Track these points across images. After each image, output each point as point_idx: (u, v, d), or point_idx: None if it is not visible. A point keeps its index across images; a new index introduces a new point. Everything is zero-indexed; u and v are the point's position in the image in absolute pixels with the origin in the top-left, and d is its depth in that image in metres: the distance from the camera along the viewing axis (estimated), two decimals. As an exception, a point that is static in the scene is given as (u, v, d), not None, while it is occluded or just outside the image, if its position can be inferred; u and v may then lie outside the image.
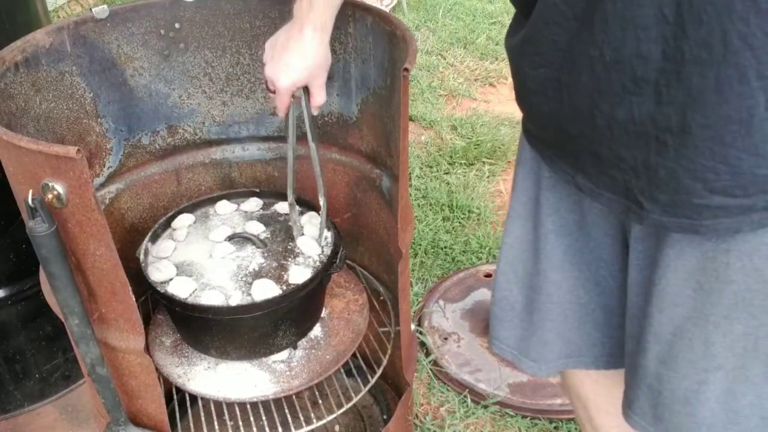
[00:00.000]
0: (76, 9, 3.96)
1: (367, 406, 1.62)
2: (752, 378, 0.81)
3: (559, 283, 1.00)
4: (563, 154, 0.88)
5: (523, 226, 1.01)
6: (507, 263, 1.05)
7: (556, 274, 0.99)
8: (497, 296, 1.08)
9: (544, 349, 1.06)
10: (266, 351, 1.23)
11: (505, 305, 1.08)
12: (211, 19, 1.28)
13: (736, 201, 0.71)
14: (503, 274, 1.07)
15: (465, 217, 2.40)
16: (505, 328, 1.09)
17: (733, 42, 0.62)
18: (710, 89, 0.66)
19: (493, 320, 1.11)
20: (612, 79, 0.71)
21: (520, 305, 1.06)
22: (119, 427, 1.09)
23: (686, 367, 0.84)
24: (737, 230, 0.74)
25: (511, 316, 1.07)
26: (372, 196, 1.37)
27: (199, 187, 1.45)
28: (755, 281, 0.76)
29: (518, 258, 1.04)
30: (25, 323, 1.62)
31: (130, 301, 0.96)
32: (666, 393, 0.87)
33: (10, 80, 1.04)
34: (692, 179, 0.72)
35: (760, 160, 0.68)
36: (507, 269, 1.06)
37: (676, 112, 0.69)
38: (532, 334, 1.06)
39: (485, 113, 3.05)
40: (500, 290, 1.08)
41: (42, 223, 0.85)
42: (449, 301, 2.05)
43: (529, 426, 1.70)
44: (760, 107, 0.65)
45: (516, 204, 1.02)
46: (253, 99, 1.38)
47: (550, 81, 0.80)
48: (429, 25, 3.91)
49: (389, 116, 1.21)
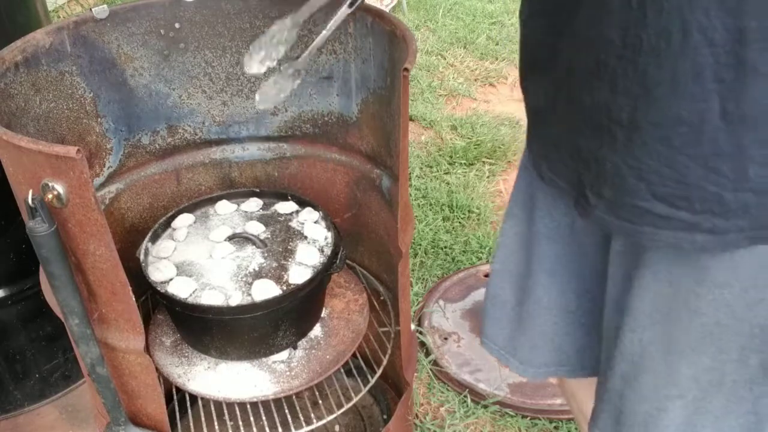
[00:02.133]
0: (76, 9, 3.96)
1: (367, 406, 1.62)
2: (713, 411, 0.78)
3: (549, 288, 0.98)
4: (537, 140, 0.87)
5: (518, 225, 1.00)
6: (501, 261, 1.04)
7: (547, 278, 0.98)
8: (490, 293, 1.07)
9: (532, 352, 1.04)
10: (266, 351, 1.23)
11: (497, 302, 1.07)
12: (211, 19, 1.28)
13: (679, 213, 0.67)
14: (497, 272, 1.06)
15: (465, 217, 2.40)
16: (495, 326, 1.08)
17: (693, 34, 0.59)
18: (664, 83, 0.63)
19: (484, 317, 1.10)
20: (580, 60, 0.69)
21: (511, 305, 1.05)
22: (119, 427, 1.09)
23: (648, 390, 0.81)
24: (677, 246, 0.69)
25: (501, 314, 1.06)
26: (372, 196, 1.37)
27: (199, 187, 1.45)
28: (726, 316, 0.72)
29: (512, 257, 1.03)
30: (25, 323, 1.62)
31: (130, 301, 0.96)
32: (627, 413, 0.85)
33: (10, 80, 1.04)
34: (637, 179, 0.68)
35: (709, 174, 0.64)
36: (501, 267, 1.05)
37: (628, 103, 0.66)
38: (521, 335, 1.04)
39: (485, 113, 3.05)
40: (493, 287, 1.07)
41: (42, 223, 0.85)
42: (449, 301, 2.05)
43: (529, 426, 1.70)
44: (714, 114, 0.61)
45: (513, 202, 1.01)
46: (253, 99, 1.38)
47: (539, 57, 0.78)
48: (429, 25, 3.91)
49: (389, 116, 1.21)
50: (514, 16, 4.01)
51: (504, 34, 3.78)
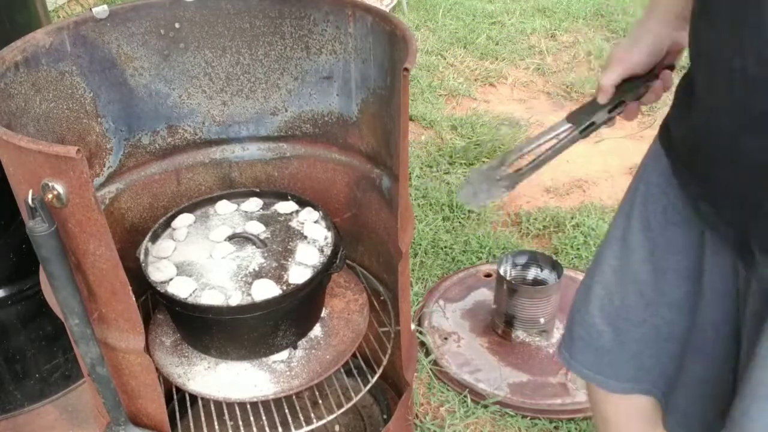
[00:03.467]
0: (76, 9, 3.96)
1: (367, 406, 1.62)
2: None
3: (671, 323, 0.93)
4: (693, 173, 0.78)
5: (634, 254, 0.94)
6: (604, 288, 0.99)
7: (672, 314, 0.92)
8: (586, 320, 1.02)
9: (639, 372, 1.01)
10: (266, 351, 1.23)
11: (593, 333, 1.03)
12: (211, 19, 1.28)
13: None
14: (597, 299, 1.00)
15: (465, 217, 2.40)
16: (590, 353, 1.04)
17: None
18: None
19: (576, 342, 1.06)
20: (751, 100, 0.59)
21: (608, 336, 1.01)
22: (119, 427, 1.09)
23: None
24: None
25: (597, 344, 1.03)
26: (372, 196, 1.37)
27: (199, 187, 1.45)
28: None
29: (618, 288, 0.98)
30: (25, 323, 1.62)
31: (130, 301, 0.96)
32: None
33: (10, 80, 1.04)
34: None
35: None
36: (602, 294, 0.99)
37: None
38: (626, 362, 1.01)
39: (485, 113, 3.05)
40: (590, 315, 1.02)
41: (42, 223, 0.85)
42: (449, 300, 2.05)
43: (529, 426, 1.69)
44: None
45: (631, 227, 0.94)
46: (253, 99, 1.38)
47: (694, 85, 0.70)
48: (429, 25, 3.91)
49: (389, 116, 1.21)
50: (514, 15, 4.01)
51: (504, 34, 3.78)
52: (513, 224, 2.41)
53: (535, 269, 1.90)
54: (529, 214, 2.42)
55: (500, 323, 1.90)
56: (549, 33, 3.84)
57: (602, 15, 4.01)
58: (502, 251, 2.21)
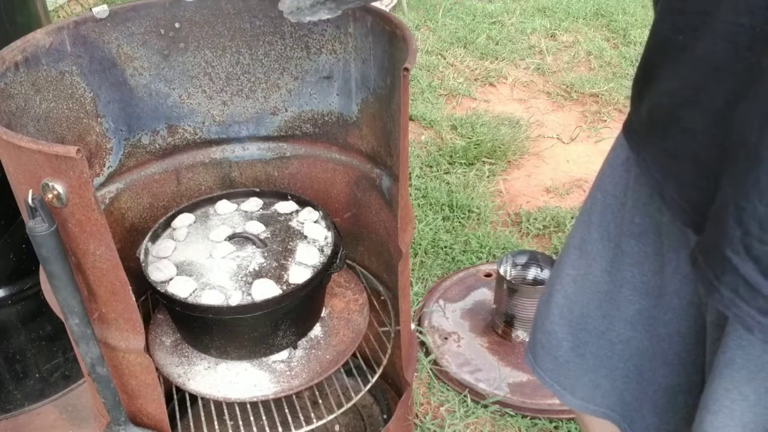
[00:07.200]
0: (76, 9, 3.96)
1: (367, 406, 1.62)
2: None
3: (628, 341, 0.91)
4: (655, 156, 0.74)
5: (594, 264, 0.91)
6: (564, 297, 0.97)
7: (627, 330, 0.91)
8: (546, 327, 1.01)
9: (594, 391, 0.99)
10: (266, 351, 1.23)
11: (552, 340, 1.01)
12: (211, 18, 1.28)
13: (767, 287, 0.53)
14: (557, 307, 0.99)
15: (465, 217, 2.40)
16: (549, 360, 1.03)
17: None
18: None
19: (537, 346, 1.05)
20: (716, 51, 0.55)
21: (568, 345, 0.99)
22: (119, 426, 1.09)
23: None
24: (749, 329, 0.56)
25: (557, 353, 1.02)
26: (372, 196, 1.37)
27: (199, 187, 1.45)
28: None
29: (577, 297, 0.96)
30: (25, 323, 1.62)
31: (130, 301, 0.96)
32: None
33: (10, 80, 1.04)
34: (736, 221, 0.54)
35: None
36: (562, 303, 0.98)
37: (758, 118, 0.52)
38: (583, 375, 0.99)
39: (485, 113, 3.05)
40: (550, 322, 1.00)
41: (42, 223, 0.85)
42: (449, 300, 2.05)
43: (529, 426, 1.70)
44: None
45: (590, 236, 0.91)
46: (253, 99, 1.38)
47: None
48: (429, 25, 3.91)
49: (389, 116, 1.21)
50: (513, 15, 4.01)
51: (504, 34, 3.78)
52: (513, 224, 2.41)
53: (535, 269, 1.90)
54: (529, 213, 2.42)
55: (500, 323, 1.90)
56: (549, 33, 3.84)
57: (602, 15, 4.01)
58: (502, 251, 2.21)
